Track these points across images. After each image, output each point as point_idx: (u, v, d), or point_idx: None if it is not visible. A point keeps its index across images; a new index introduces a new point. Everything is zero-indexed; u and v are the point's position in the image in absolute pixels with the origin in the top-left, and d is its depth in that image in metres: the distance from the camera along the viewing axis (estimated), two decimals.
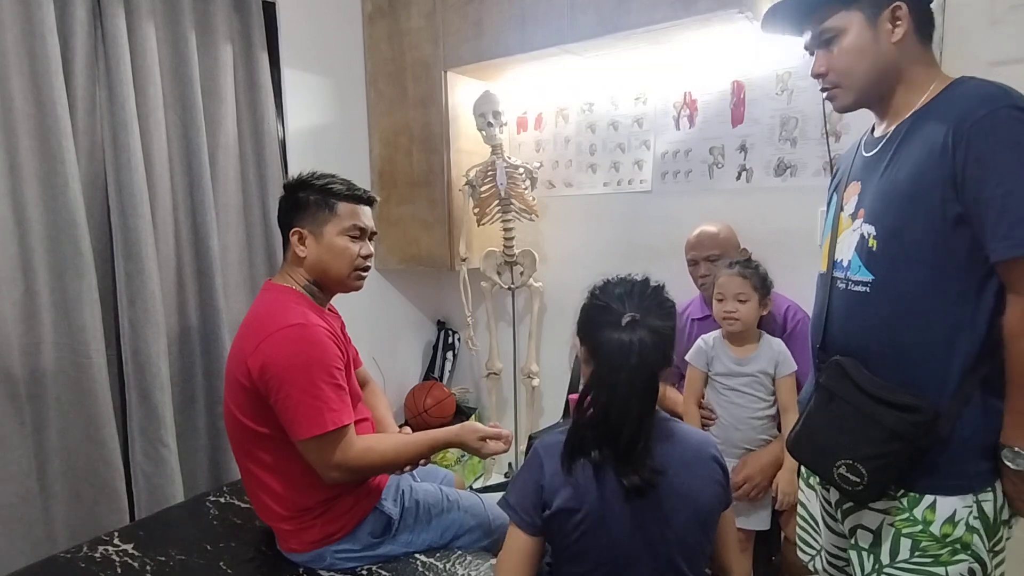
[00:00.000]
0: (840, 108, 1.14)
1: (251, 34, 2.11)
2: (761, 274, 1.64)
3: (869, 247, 1.07)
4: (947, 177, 0.96)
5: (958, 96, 1.00)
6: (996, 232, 0.93)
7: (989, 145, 0.93)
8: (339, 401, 1.29)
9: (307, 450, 1.28)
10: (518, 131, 2.58)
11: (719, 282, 1.65)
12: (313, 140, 2.39)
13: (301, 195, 1.41)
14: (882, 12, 1.04)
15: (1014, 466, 0.97)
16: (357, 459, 1.30)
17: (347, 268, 1.42)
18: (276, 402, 1.26)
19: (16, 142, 1.62)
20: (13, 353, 1.62)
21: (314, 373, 1.26)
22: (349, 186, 1.44)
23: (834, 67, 1.10)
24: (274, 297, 1.38)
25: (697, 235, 1.88)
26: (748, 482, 1.59)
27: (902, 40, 1.05)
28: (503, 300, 2.64)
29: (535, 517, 1.07)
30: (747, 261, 1.70)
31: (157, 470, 1.85)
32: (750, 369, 1.62)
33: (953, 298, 0.99)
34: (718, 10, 1.72)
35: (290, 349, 1.26)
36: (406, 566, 1.40)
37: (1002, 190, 0.92)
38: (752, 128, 2.02)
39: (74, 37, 1.71)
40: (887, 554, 1.06)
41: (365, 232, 1.45)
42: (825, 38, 1.09)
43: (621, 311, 1.03)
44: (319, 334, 1.30)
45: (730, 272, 1.63)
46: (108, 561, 1.40)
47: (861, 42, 1.06)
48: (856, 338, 1.09)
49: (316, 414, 1.25)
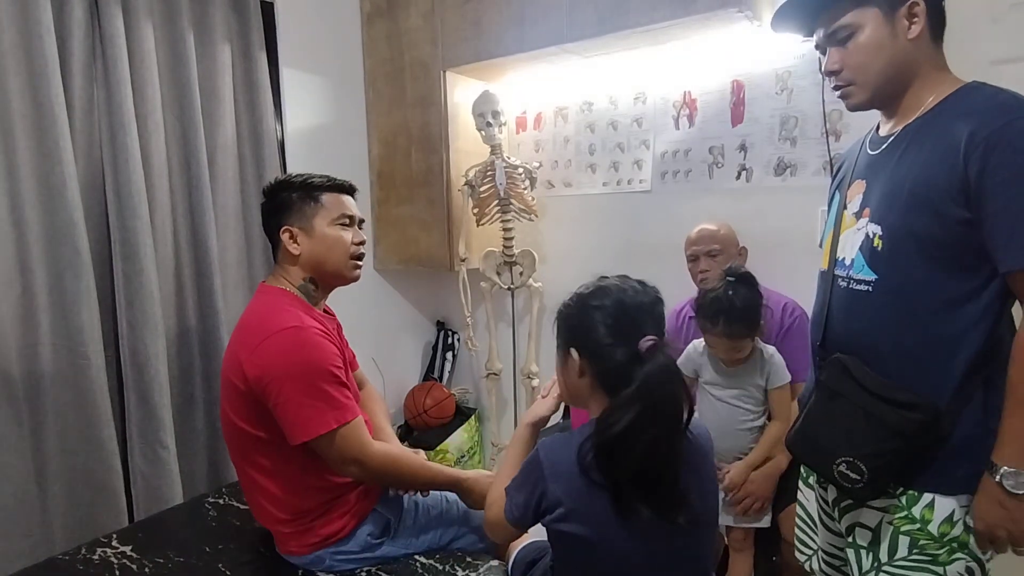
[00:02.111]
0: (854, 106, 1.12)
1: (249, 34, 2.10)
2: (744, 313, 1.51)
3: (874, 246, 1.06)
4: (958, 184, 0.95)
5: (974, 103, 0.99)
6: (1010, 243, 0.93)
7: (1006, 156, 0.92)
8: (343, 398, 1.29)
9: (319, 448, 1.28)
10: (517, 131, 2.58)
11: (709, 341, 1.58)
12: (312, 140, 2.38)
13: (283, 195, 1.41)
14: (899, 8, 1.03)
15: (1010, 487, 0.94)
16: (378, 462, 1.32)
17: (343, 257, 1.41)
18: (276, 406, 1.25)
19: (14, 142, 1.61)
20: (11, 354, 1.62)
21: (313, 375, 1.26)
22: (328, 178, 1.44)
23: (848, 64, 1.07)
24: (268, 300, 1.37)
25: (698, 232, 1.88)
26: (750, 497, 1.59)
27: (918, 37, 1.03)
28: (503, 300, 2.63)
29: (527, 516, 1.05)
30: (729, 311, 1.52)
31: (156, 471, 1.85)
32: (738, 382, 1.60)
33: (956, 299, 0.99)
34: (718, 9, 1.71)
35: (287, 353, 1.25)
36: (405, 568, 1.39)
37: (1017, 202, 0.91)
38: (752, 127, 2.02)
39: (72, 37, 1.70)
40: (886, 552, 1.06)
41: (354, 219, 1.45)
42: (840, 36, 1.07)
43: (638, 332, 0.98)
44: (314, 336, 1.29)
45: (716, 333, 1.53)
46: (106, 563, 1.39)
47: (878, 38, 1.04)
48: (857, 337, 1.09)
49: (318, 414, 1.25)
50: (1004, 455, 0.95)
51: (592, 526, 1.00)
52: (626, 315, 1.01)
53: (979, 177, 0.93)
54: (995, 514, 0.96)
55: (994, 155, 0.92)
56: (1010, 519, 0.95)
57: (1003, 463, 0.95)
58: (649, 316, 1.02)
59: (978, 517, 0.99)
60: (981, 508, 0.98)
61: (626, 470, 0.95)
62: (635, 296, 1.02)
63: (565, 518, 1.01)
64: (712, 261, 1.82)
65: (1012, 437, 0.95)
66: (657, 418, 0.95)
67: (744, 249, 1.89)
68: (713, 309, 1.52)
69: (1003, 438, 0.96)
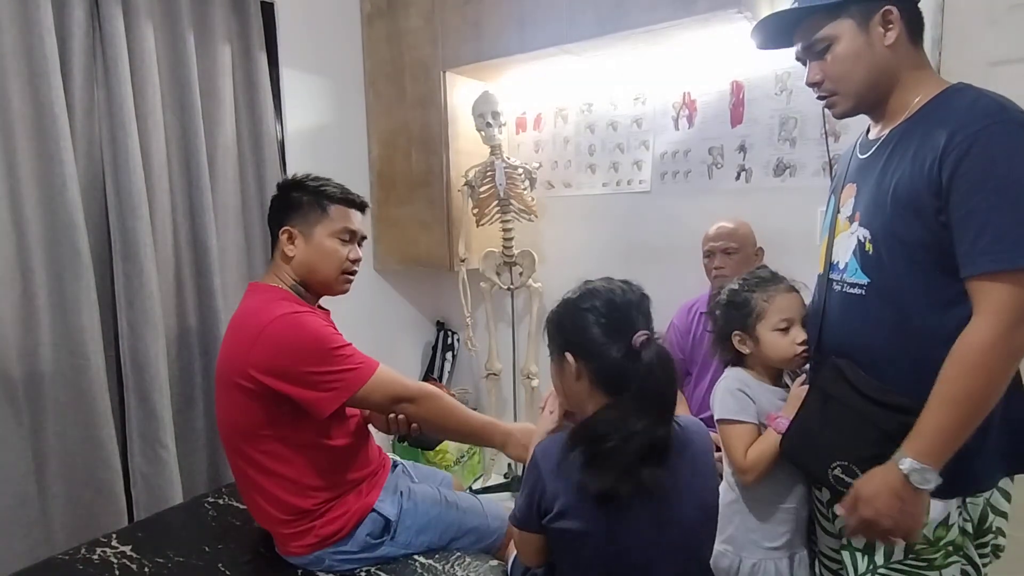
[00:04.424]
0: (840, 115, 1.14)
1: (249, 34, 2.10)
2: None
3: (865, 250, 1.06)
4: (935, 187, 0.96)
5: (955, 107, 0.99)
6: (972, 249, 0.92)
7: (976, 161, 0.92)
8: (357, 355, 1.33)
9: (365, 402, 1.34)
10: (517, 131, 2.58)
11: (775, 306, 1.27)
12: (312, 141, 2.39)
13: (295, 195, 1.43)
14: (873, 17, 1.04)
15: (915, 482, 0.93)
16: (422, 391, 1.37)
17: (334, 271, 1.43)
18: (301, 385, 1.27)
19: (14, 143, 1.61)
20: (11, 355, 1.62)
21: (324, 345, 1.29)
22: (343, 190, 1.45)
23: (829, 75, 1.09)
24: (258, 298, 1.38)
25: (716, 229, 1.89)
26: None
27: (895, 43, 1.04)
28: (502, 301, 2.63)
29: (530, 517, 1.07)
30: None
31: (155, 471, 1.85)
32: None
33: (947, 301, 0.99)
34: (717, 10, 1.72)
35: (290, 335, 1.28)
36: (405, 568, 1.40)
37: (985, 205, 0.91)
38: (751, 128, 2.02)
39: (72, 38, 1.70)
40: (882, 555, 1.06)
41: (355, 236, 1.46)
42: (817, 48, 1.09)
43: (631, 328, 1.00)
44: (309, 316, 1.33)
45: (783, 290, 1.30)
46: (106, 563, 1.39)
47: (855, 48, 1.05)
48: (851, 340, 1.09)
49: (348, 374, 1.29)
50: (916, 448, 0.95)
51: (588, 521, 1.01)
52: (618, 312, 1.03)
53: (950, 180, 0.94)
54: (887, 504, 0.95)
55: (966, 159, 0.93)
56: (902, 512, 0.95)
57: (914, 456, 0.94)
58: (639, 312, 1.04)
59: (865, 502, 0.97)
60: (872, 495, 0.97)
61: (616, 462, 0.97)
62: (624, 295, 1.05)
63: (563, 515, 1.02)
64: (728, 259, 1.83)
65: (930, 432, 0.94)
66: (650, 408, 0.97)
67: (761, 249, 1.90)
68: (769, 273, 1.35)
69: (921, 430, 0.95)
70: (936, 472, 0.94)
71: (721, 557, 1.28)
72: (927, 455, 0.94)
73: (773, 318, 1.25)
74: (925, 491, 0.94)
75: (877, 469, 0.99)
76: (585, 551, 1.04)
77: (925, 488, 0.94)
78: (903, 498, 0.95)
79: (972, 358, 0.92)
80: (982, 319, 0.93)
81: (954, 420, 0.93)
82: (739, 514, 1.28)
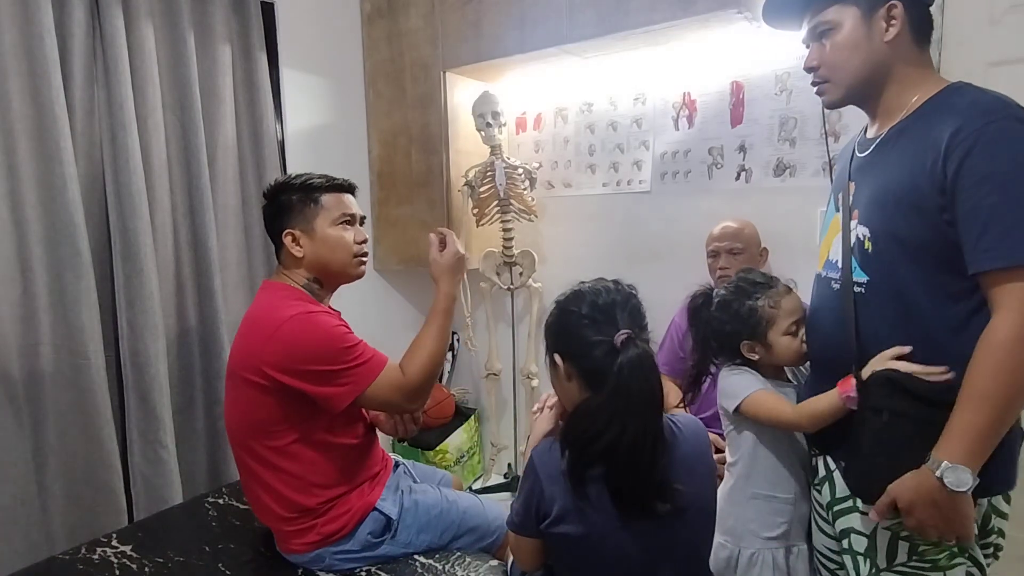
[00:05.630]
0: (829, 104, 1.14)
1: (250, 35, 2.10)
2: None
3: (864, 248, 1.06)
4: (939, 184, 0.95)
5: (956, 105, 0.99)
6: (978, 244, 0.92)
7: (981, 157, 0.92)
8: (369, 350, 1.35)
9: (368, 403, 1.34)
10: (517, 132, 2.58)
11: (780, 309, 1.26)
12: (312, 141, 2.38)
13: (283, 198, 1.43)
14: (878, 10, 1.04)
15: (949, 483, 0.90)
16: (416, 376, 1.36)
17: (347, 257, 1.44)
18: (312, 381, 1.28)
19: (14, 143, 1.61)
20: (11, 354, 1.62)
21: (335, 345, 1.30)
22: (327, 178, 1.46)
23: (825, 61, 1.10)
24: (273, 294, 1.39)
25: (721, 228, 1.89)
26: None
27: (895, 40, 1.04)
28: (502, 301, 2.63)
29: (528, 521, 1.08)
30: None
31: (156, 471, 1.85)
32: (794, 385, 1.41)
33: (946, 299, 0.99)
34: (717, 10, 1.72)
35: (304, 333, 1.29)
36: (405, 567, 1.40)
37: (990, 201, 0.91)
38: (751, 128, 2.02)
39: (72, 38, 1.70)
40: (884, 558, 1.06)
41: (355, 218, 1.47)
42: (820, 31, 1.09)
43: (613, 328, 1.01)
44: (323, 315, 1.34)
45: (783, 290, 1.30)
46: (106, 563, 1.39)
47: (854, 38, 1.06)
48: (852, 338, 1.08)
49: (360, 372, 1.31)
50: (948, 450, 0.92)
51: (586, 524, 1.01)
52: (600, 313, 1.04)
53: (955, 177, 0.94)
54: (927, 514, 0.94)
55: (970, 156, 0.92)
56: (942, 518, 0.93)
57: (947, 458, 0.92)
58: (623, 311, 1.04)
59: (906, 513, 0.96)
60: (909, 505, 0.95)
61: (598, 461, 0.99)
62: (608, 295, 1.06)
63: (560, 519, 1.03)
64: (733, 259, 1.82)
65: (962, 432, 0.92)
66: (632, 408, 0.98)
67: (765, 250, 1.90)
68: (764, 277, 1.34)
69: (952, 431, 0.93)
70: (971, 472, 0.91)
71: (720, 549, 1.28)
72: (960, 455, 0.91)
73: (783, 323, 1.25)
74: (961, 493, 0.91)
75: (909, 475, 0.95)
76: (584, 554, 1.04)
77: (961, 490, 0.91)
78: (939, 504, 0.92)
79: (999, 355, 0.91)
80: (1002, 316, 0.91)
81: (985, 419, 0.91)
82: (737, 505, 1.29)
